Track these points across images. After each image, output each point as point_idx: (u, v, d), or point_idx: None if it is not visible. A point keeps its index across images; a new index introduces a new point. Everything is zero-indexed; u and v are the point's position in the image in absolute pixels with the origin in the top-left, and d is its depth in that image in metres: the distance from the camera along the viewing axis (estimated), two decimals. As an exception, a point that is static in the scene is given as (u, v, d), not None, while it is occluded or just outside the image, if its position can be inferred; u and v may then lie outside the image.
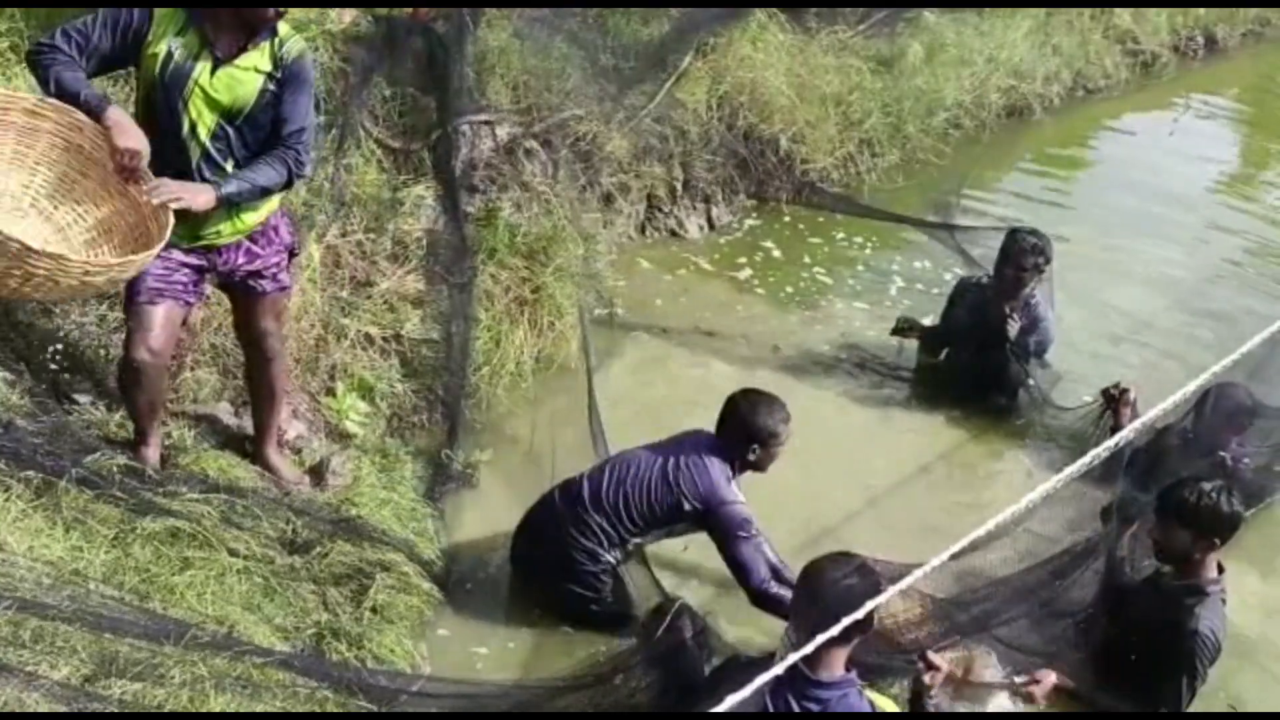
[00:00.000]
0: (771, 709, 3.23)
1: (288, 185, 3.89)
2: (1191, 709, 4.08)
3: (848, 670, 3.31)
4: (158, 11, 3.63)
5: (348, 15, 5.81)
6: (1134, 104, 10.64)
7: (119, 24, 3.63)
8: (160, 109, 3.70)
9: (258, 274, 4.03)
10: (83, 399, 4.21)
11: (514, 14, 6.42)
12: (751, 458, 4.26)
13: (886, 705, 3.36)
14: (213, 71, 3.66)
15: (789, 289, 6.92)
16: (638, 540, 4.26)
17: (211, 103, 3.69)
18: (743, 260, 7.15)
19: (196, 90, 3.67)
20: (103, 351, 4.39)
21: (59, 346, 4.30)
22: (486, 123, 6.08)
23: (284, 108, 3.79)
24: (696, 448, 4.22)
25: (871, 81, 8.15)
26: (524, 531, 4.43)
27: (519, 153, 6.14)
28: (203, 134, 3.72)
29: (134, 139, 3.53)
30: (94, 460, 3.77)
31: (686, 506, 4.14)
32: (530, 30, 6.46)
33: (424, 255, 5.47)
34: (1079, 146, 9.67)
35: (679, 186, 7.28)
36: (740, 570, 4.12)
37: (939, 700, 3.58)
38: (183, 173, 3.72)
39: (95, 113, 3.54)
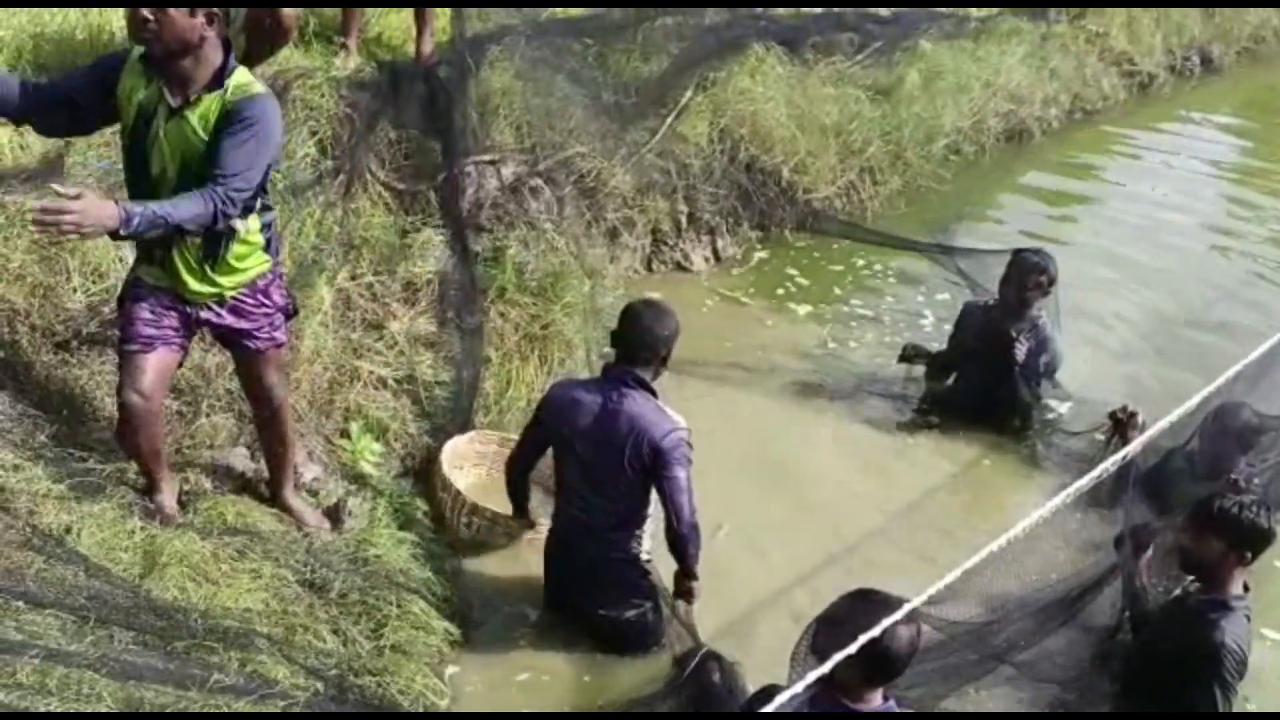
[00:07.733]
0: None
1: (212, 224, 3.63)
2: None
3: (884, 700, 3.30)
4: (127, 62, 3.73)
5: (351, 61, 5.91)
6: (1133, 124, 10.73)
7: (100, 63, 3.84)
8: (134, 156, 3.80)
9: (249, 334, 4.05)
10: (99, 447, 4.24)
11: (515, 55, 6.50)
12: (665, 368, 4.42)
13: None
14: (167, 121, 3.69)
15: (807, 317, 6.98)
16: (639, 510, 4.34)
17: (169, 152, 3.72)
18: (754, 290, 7.22)
19: (159, 139, 3.71)
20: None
21: (74, 395, 4.35)
22: (491, 162, 6.14)
23: (218, 150, 3.63)
24: (631, 397, 4.25)
25: (870, 110, 8.22)
26: (555, 553, 4.52)
27: (524, 191, 6.19)
28: (170, 179, 3.75)
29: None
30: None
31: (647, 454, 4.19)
32: (532, 71, 6.53)
33: (434, 296, 5.52)
34: (1080, 168, 9.72)
35: (683, 220, 7.33)
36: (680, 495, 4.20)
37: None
38: None
39: None
